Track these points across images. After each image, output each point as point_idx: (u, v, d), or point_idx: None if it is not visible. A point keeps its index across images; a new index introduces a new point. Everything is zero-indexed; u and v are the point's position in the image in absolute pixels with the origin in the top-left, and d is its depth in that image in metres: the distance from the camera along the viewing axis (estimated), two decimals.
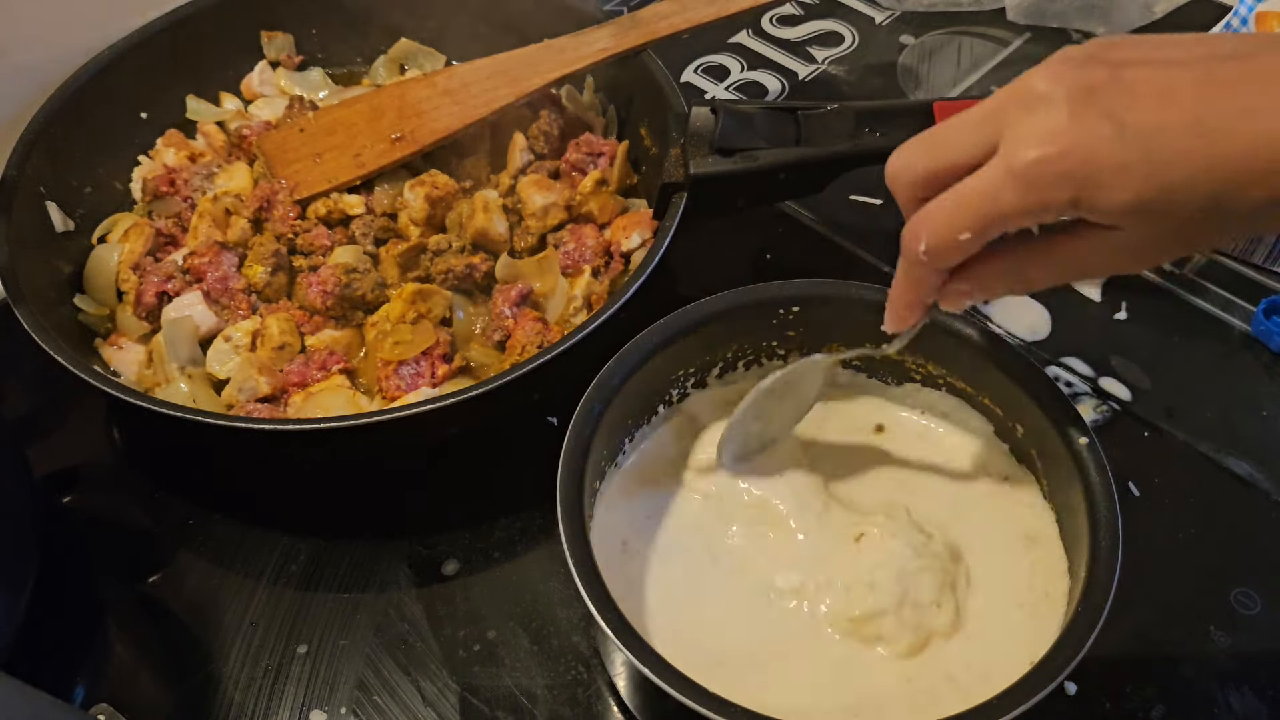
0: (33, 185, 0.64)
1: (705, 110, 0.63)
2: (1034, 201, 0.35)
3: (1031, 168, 0.34)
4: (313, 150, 0.70)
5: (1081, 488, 0.46)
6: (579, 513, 0.45)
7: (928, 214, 0.38)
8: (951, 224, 0.37)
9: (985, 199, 0.36)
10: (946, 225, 0.37)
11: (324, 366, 0.60)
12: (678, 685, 0.40)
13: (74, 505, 0.61)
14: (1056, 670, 0.40)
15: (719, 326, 0.53)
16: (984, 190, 0.36)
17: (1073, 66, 0.35)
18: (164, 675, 0.54)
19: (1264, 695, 0.51)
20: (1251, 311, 0.67)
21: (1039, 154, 0.34)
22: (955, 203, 0.37)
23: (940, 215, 0.37)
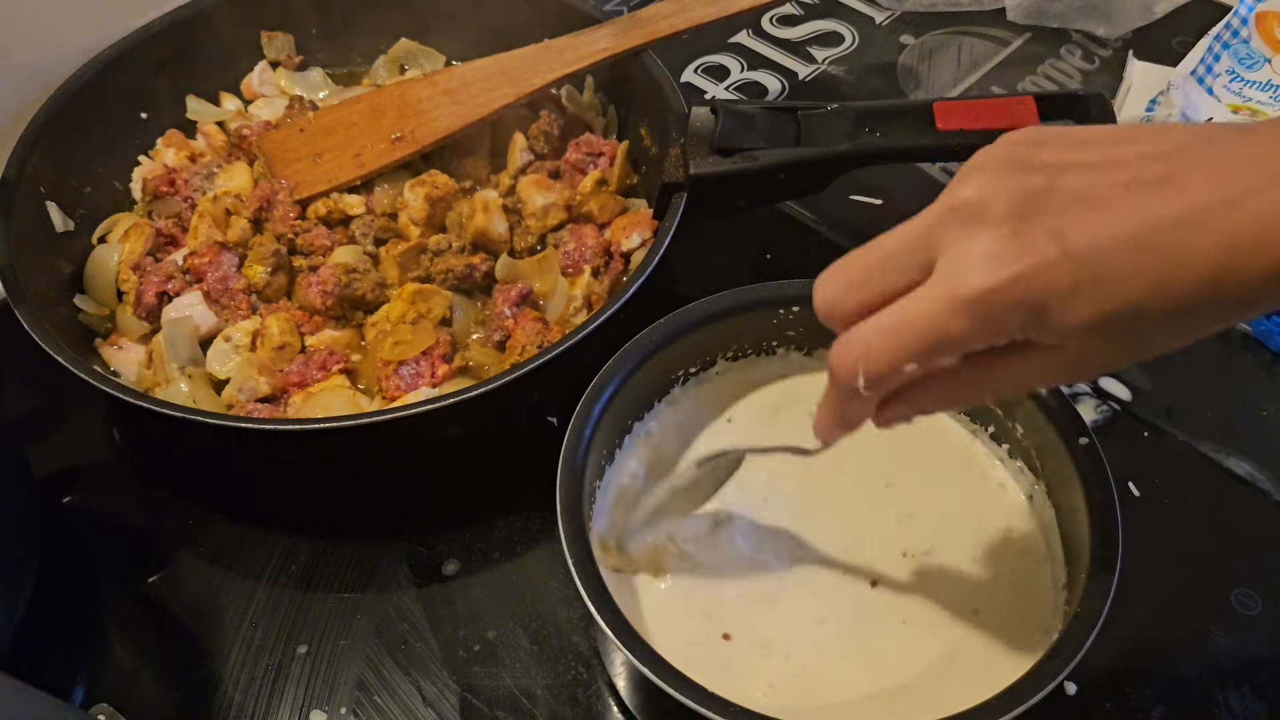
0: (33, 185, 0.64)
1: (705, 110, 0.63)
2: (984, 330, 0.32)
3: (981, 297, 0.31)
4: (313, 150, 0.70)
5: (1081, 488, 0.46)
6: (579, 513, 0.45)
7: (863, 342, 0.34)
8: (894, 355, 0.34)
9: (932, 329, 0.33)
10: (887, 356, 0.34)
11: (324, 366, 0.60)
12: (678, 685, 0.40)
13: (74, 505, 0.61)
14: (1056, 670, 0.40)
15: (719, 326, 0.53)
16: (928, 320, 0.33)
17: (1006, 174, 0.33)
18: (164, 675, 0.54)
19: (1263, 695, 0.51)
20: None
21: (987, 282, 0.31)
22: (897, 332, 0.33)
23: (880, 346, 0.34)
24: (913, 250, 0.34)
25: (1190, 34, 0.82)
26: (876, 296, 0.34)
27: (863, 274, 0.35)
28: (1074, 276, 0.31)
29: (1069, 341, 0.33)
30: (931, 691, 0.45)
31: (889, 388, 0.35)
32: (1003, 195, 0.32)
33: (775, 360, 0.56)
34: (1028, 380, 0.36)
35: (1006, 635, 0.47)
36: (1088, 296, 0.31)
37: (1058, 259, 0.31)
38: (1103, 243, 0.31)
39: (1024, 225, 0.32)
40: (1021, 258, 0.31)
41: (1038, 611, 0.47)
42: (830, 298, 0.36)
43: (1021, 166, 0.33)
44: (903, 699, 0.45)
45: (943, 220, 0.33)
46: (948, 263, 0.33)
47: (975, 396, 0.37)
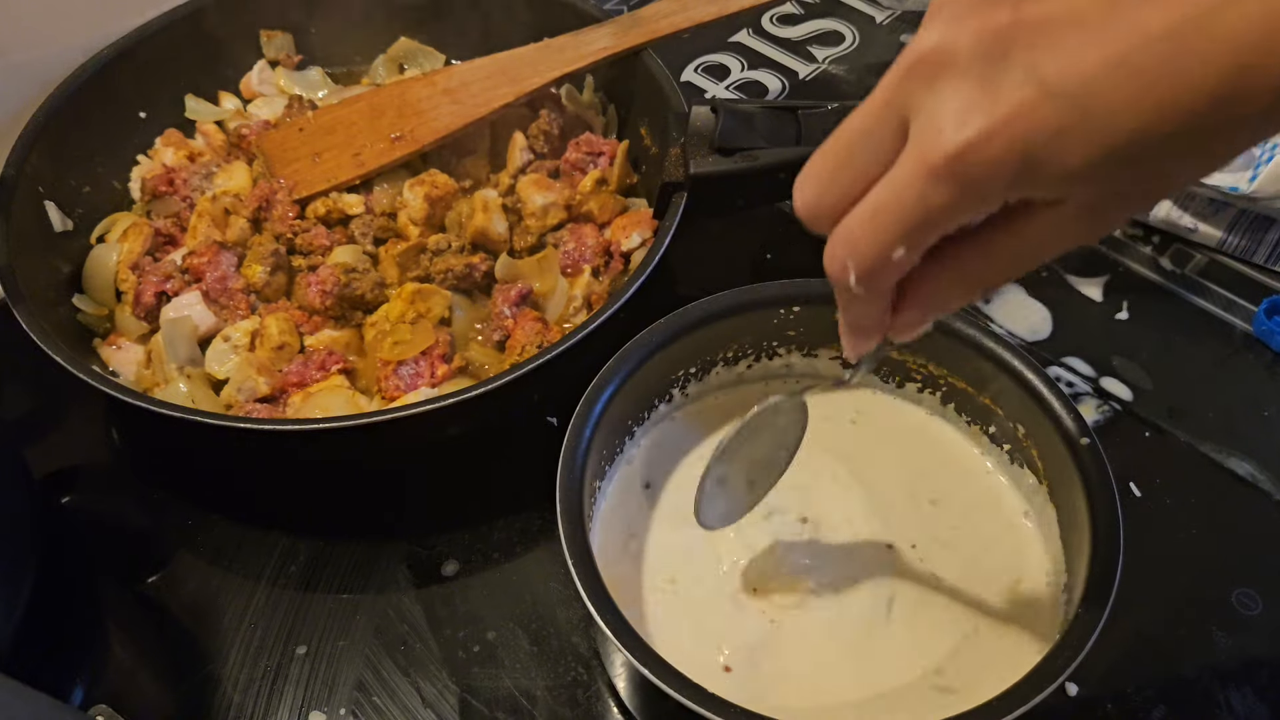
0: (31, 185, 0.64)
1: (705, 109, 0.62)
2: (969, 196, 0.29)
3: (956, 159, 0.28)
4: (312, 150, 0.70)
5: (1082, 488, 0.45)
6: (579, 513, 0.45)
7: (847, 235, 0.32)
8: (878, 242, 0.31)
9: (911, 205, 0.30)
10: (872, 245, 0.31)
11: (323, 366, 0.60)
12: (678, 686, 0.40)
13: (73, 506, 0.61)
14: (1058, 671, 0.40)
15: (719, 326, 0.53)
16: (907, 194, 0.30)
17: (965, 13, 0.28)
18: (163, 676, 0.54)
19: (1265, 696, 0.51)
20: (1253, 311, 0.67)
21: (961, 141, 0.28)
22: (876, 217, 0.31)
23: (863, 234, 0.31)
24: (881, 122, 0.31)
25: None
26: (856, 184, 0.31)
27: (835, 163, 0.32)
28: (1059, 116, 0.27)
29: (1071, 192, 0.29)
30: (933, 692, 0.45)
31: (887, 281, 0.32)
32: (965, 38, 0.28)
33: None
34: (1040, 248, 0.31)
35: (1007, 636, 0.47)
36: (1079, 136, 0.27)
37: (1036, 99, 0.27)
38: (1086, 71, 0.27)
39: (993, 67, 0.28)
40: (995, 106, 0.28)
41: (1038, 612, 0.47)
42: (810, 199, 0.33)
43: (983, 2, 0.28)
44: (904, 700, 0.45)
45: (905, 79, 0.30)
46: (917, 127, 0.29)
47: (987, 278, 0.33)
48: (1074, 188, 0.29)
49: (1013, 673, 0.41)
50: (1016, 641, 0.46)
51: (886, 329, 0.35)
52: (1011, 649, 0.46)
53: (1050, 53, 0.27)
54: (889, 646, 0.46)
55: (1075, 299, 0.69)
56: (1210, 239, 0.70)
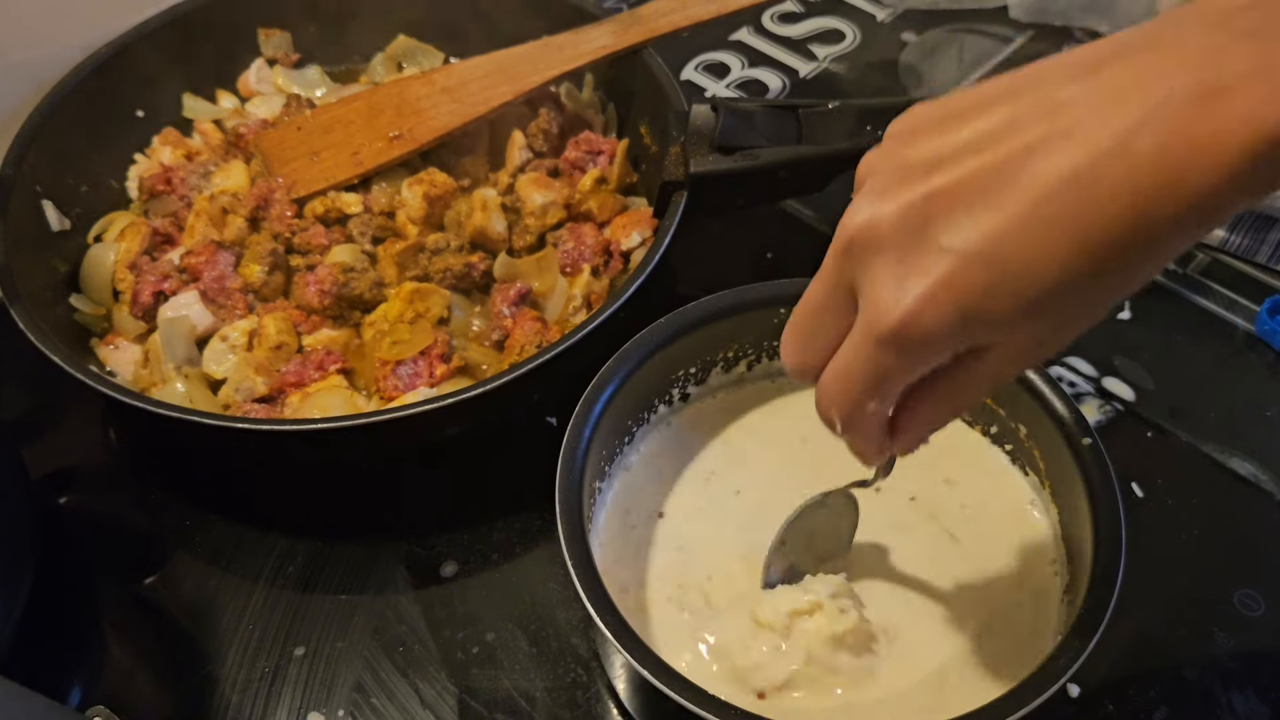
0: (29, 184, 0.64)
1: (706, 108, 0.62)
2: (916, 357, 0.32)
3: (898, 330, 0.31)
4: (310, 148, 0.69)
5: (1085, 489, 0.45)
6: (578, 514, 0.45)
7: (825, 390, 0.36)
8: (849, 398, 0.35)
9: (867, 369, 0.33)
10: (845, 401, 0.35)
11: (321, 366, 0.60)
12: (678, 688, 0.40)
13: (71, 506, 0.61)
14: (1059, 672, 0.40)
15: (719, 326, 0.52)
16: (862, 362, 0.33)
17: (885, 189, 0.31)
18: (161, 677, 0.54)
19: (1267, 697, 0.51)
20: (1255, 311, 0.67)
21: (896, 320, 0.31)
22: (842, 379, 0.34)
23: (836, 392, 0.35)
24: (833, 296, 0.34)
25: None
26: (826, 348, 0.35)
27: (805, 333, 0.36)
28: (982, 277, 0.29)
29: (1013, 335, 0.32)
30: (934, 693, 0.45)
31: (870, 426, 0.36)
32: (887, 214, 0.31)
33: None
34: (1001, 374, 0.34)
35: (1009, 636, 0.46)
36: (1006, 291, 0.29)
37: (958, 265, 0.30)
38: (997, 233, 0.29)
39: (915, 242, 0.30)
40: (923, 278, 0.30)
41: (1040, 612, 0.47)
42: (793, 363, 0.37)
43: (898, 174, 0.31)
44: (905, 701, 0.45)
45: (844, 258, 0.33)
46: (863, 302, 0.33)
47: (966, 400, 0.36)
48: (1010, 333, 0.32)
49: (1015, 674, 0.41)
50: (1018, 642, 0.46)
51: (888, 450, 0.38)
52: (1013, 649, 0.46)
53: (963, 220, 0.30)
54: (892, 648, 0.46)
55: None
56: (1212, 238, 0.70)
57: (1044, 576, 0.48)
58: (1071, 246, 0.28)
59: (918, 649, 0.46)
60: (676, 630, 0.47)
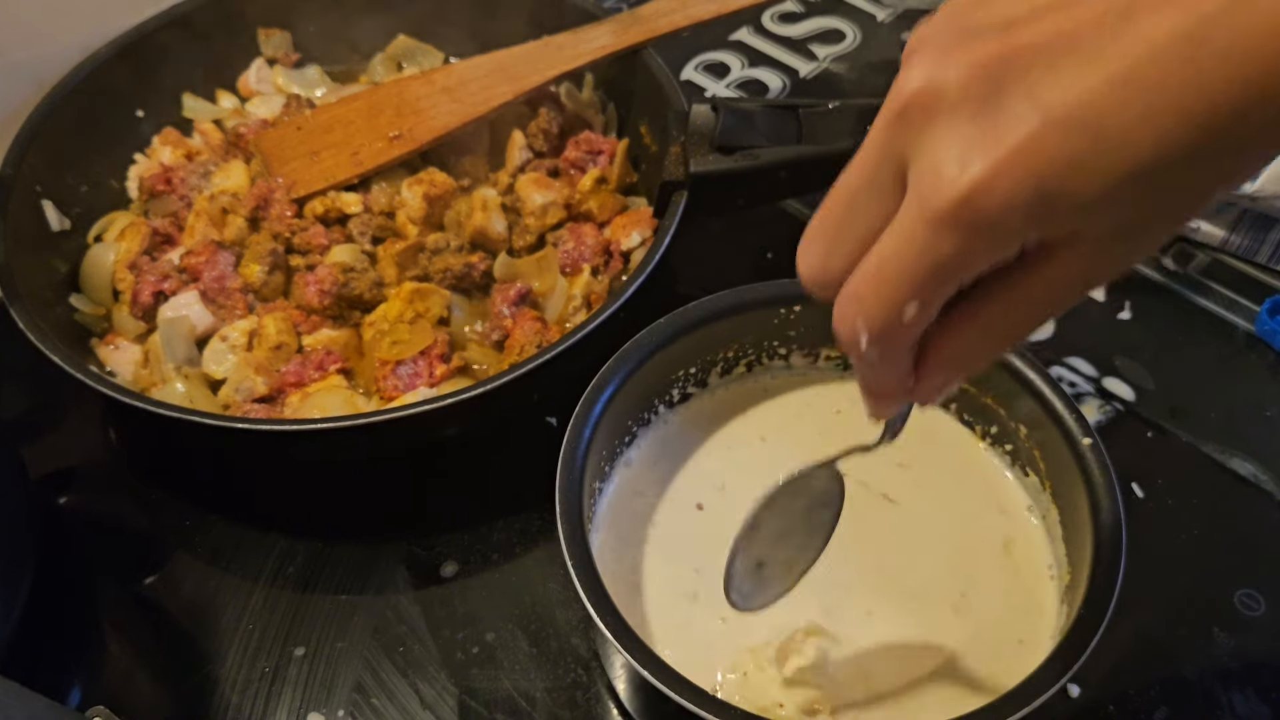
0: (29, 184, 0.64)
1: (706, 108, 0.62)
2: (980, 243, 0.27)
3: (963, 204, 0.26)
4: (310, 148, 0.69)
5: (1085, 489, 0.45)
6: (578, 515, 0.45)
7: (854, 295, 0.29)
8: (888, 301, 0.28)
9: (918, 257, 0.27)
10: (881, 304, 0.28)
11: (321, 366, 0.60)
12: (678, 688, 0.40)
13: (70, 506, 0.61)
14: (1059, 672, 0.40)
15: (719, 326, 0.52)
16: (912, 247, 0.27)
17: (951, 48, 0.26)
18: (161, 677, 0.54)
19: (1267, 697, 0.51)
20: (1255, 311, 0.67)
21: (966, 184, 0.26)
22: (881, 274, 0.28)
23: (870, 292, 0.29)
24: (877, 174, 0.28)
25: None
26: (860, 243, 0.29)
27: (835, 224, 0.30)
28: (1070, 145, 0.25)
29: (1094, 224, 0.27)
30: (934, 694, 0.45)
31: (902, 342, 0.30)
32: (954, 73, 0.26)
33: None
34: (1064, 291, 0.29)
35: (1009, 637, 0.46)
36: (1094, 163, 0.25)
37: (1041, 130, 0.25)
38: (1092, 92, 0.25)
39: (989, 102, 0.26)
40: (998, 143, 0.25)
41: (1041, 613, 0.47)
42: (814, 264, 0.30)
43: (966, 34, 0.26)
44: (905, 702, 0.45)
45: (895, 125, 0.28)
46: (916, 174, 0.27)
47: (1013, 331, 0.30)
48: (1094, 219, 0.27)
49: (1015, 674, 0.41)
50: (1018, 642, 0.46)
51: (909, 393, 0.32)
52: (1013, 650, 0.46)
53: (1049, 78, 0.25)
54: (892, 649, 0.46)
55: None
56: (1213, 238, 0.70)
57: (1043, 577, 0.48)
58: (1177, 113, 0.24)
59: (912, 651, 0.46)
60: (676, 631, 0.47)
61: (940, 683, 0.45)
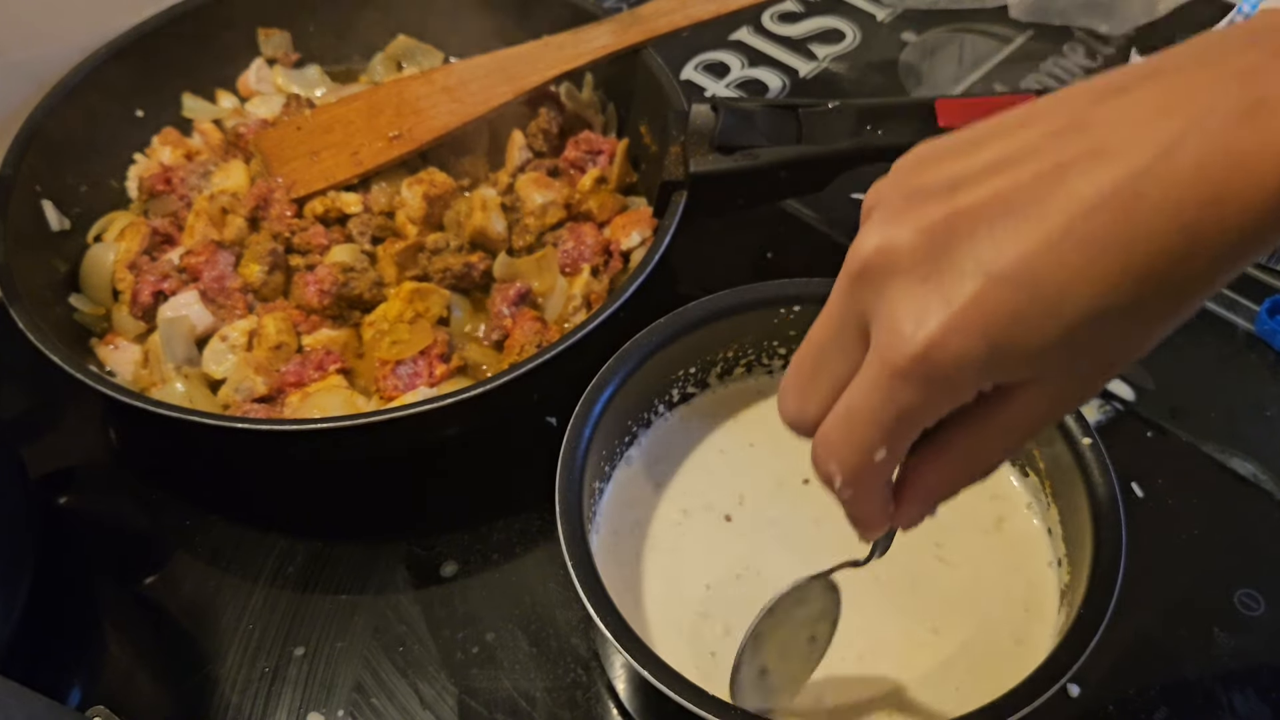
0: (28, 184, 0.64)
1: (706, 108, 0.62)
2: (938, 392, 0.28)
3: (920, 360, 0.28)
4: (310, 148, 0.69)
5: (1084, 489, 0.45)
6: (578, 515, 0.45)
7: (826, 441, 0.31)
8: (857, 446, 0.30)
9: (881, 407, 0.29)
10: (851, 450, 0.31)
11: (321, 366, 0.60)
12: (678, 689, 0.40)
13: (70, 506, 0.61)
14: (1059, 672, 0.40)
15: (719, 326, 0.52)
16: (876, 398, 0.29)
17: (901, 210, 0.28)
18: (161, 677, 0.54)
19: (1267, 697, 0.51)
20: (1255, 311, 0.67)
21: (922, 341, 0.27)
22: (849, 423, 0.30)
23: (840, 440, 0.31)
24: (841, 331, 0.31)
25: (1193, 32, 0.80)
26: (830, 392, 0.31)
27: (808, 376, 0.32)
28: (1012, 301, 0.27)
29: (1043, 372, 0.29)
30: (934, 694, 0.45)
31: (875, 481, 0.32)
32: (905, 236, 0.28)
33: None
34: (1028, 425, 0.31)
35: (1009, 637, 0.46)
36: (1036, 317, 0.27)
37: (985, 289, 0.27)
38: (1030, 252, 0.26)
39: (939, 264, 0.27)
40: (948, 303, 0.27)
41: (1040, 613, 0.47)
42: (791, 411, 0.33)
43: (914, 197, 0.28)
44: (904, 702, 0.45)
45: (855, 286, 0.29)
46: (877, 332, 0.29)
47: (984, 460, 0.32)
48: (1046, 366, 0.28)
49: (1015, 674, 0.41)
50: (1018, 643, 0.46)
51: (890, 519, 0.34)
52: (1013, 650, 0.46)
53: (990, 239, 0.27)
54: (891, 648, 0.46)
55: None
56: None
57: (1043, 577, 0.48)
58: (1111, 267, 0.26)
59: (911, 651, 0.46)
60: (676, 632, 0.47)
61: (939, 683, 0.45)
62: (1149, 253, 0.26)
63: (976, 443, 0.32)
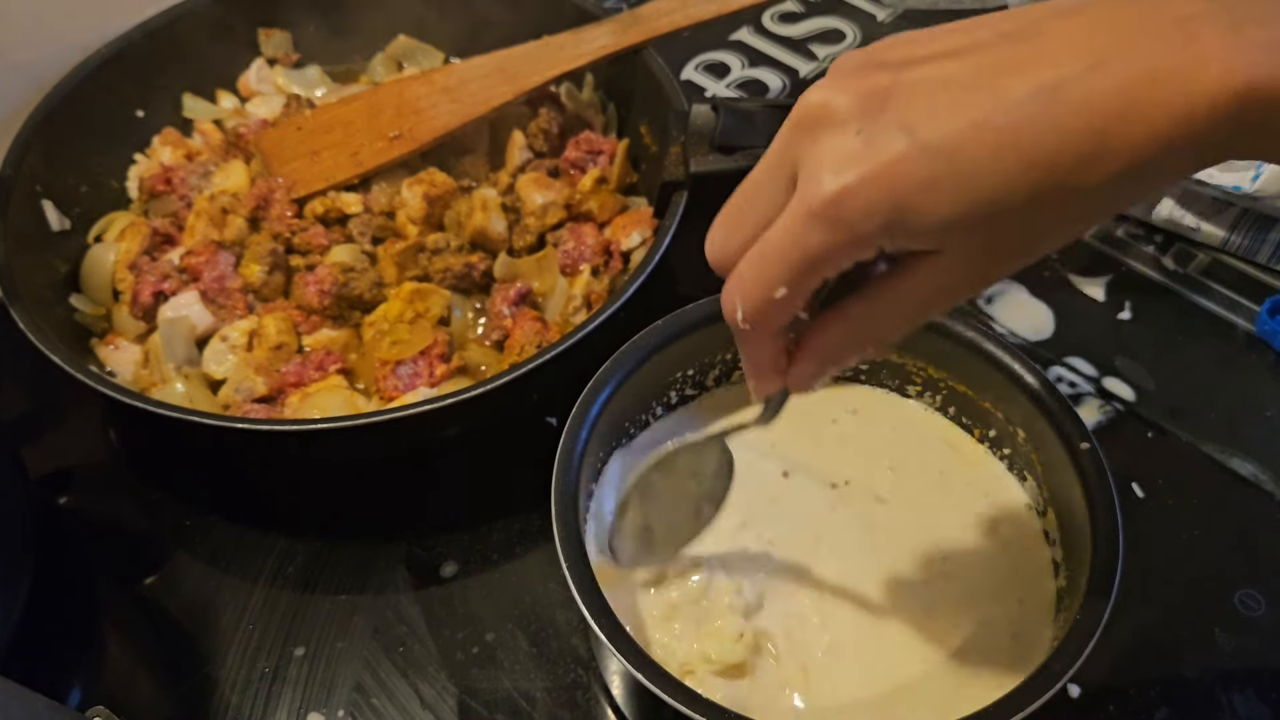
0: (29, 184, 0.64)
1: (706, 108, 0.62)
2: (844, 239, 0.30)
3: (831, 203, 0.30)
4: (310, 148, 0.69)
5: (1082, 493, 0.45)
6: (574, 516, 0.45)
7: (737, 276, 0.34)
8: (762, 281, 0.32)
9: (791, 246, 0.31)
10: (757, 284, 0.33)
11: (321, 366, 0.60)
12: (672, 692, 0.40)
13: (70, 506, 0.61)
14: (1059, 673, 0.40)
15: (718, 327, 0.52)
16: (787, 237, 0.31)
17: (851, 75, 0.31)
18: (161, 677, 0.54)
19: (1267, 697, 0.51)
20: (1255, 311, 0.67)
21: (836, 187, 0.30)
22: (761, 258, 0.32)
23: (749, 275, 0.33)
24: (773, 174, 0.33)
25: None
26: (754, 231, 0.33)
27: (737, 213, 0.34)
28: (928, 169, 0.29)
29: (945, 243, 0.31)
30: (933, 695, 0.45)
31: (774, 320, 0.34)
32: (847, 96, 0.30)
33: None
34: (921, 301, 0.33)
35: (1009, 638, 0.46)
36: (947, 188, 0.29)
37: (907, 152, 0.29)
38: (956, 129, 0.29)
39: (871, 123, 0.30)
40: (870, 157, 0.30)
41: (1040, 614, 0.47)
42: (715, 248, 0.35)
43: (868, 66, 0.31)
44: (904, 703, 0.45)
45: (792, 134, 0.32)
46: (802, 176, 0.31)
47: (874, 331, 0.34)
48: (946, 238, 0.31)
49: (1015, 675, 0.41)
50: (1019, 644, 0.46)
51: (783, 374, 0.36)
52: (1012, 650, 0.46)
53: (923, 111, 0.29)
54: (890, 650, 0.46)
55: (1078, 299, 0.68)
56: (1213, 238, 0.70)
57: (1042, 578, 0.48)
58: (1019, 158, 0.29)
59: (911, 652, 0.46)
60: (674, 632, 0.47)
61: (939, 683, 0.45)
62: (1058, 150, 0.28)
63: (871, 310, 0.34)
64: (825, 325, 0.35)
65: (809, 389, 0.37)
